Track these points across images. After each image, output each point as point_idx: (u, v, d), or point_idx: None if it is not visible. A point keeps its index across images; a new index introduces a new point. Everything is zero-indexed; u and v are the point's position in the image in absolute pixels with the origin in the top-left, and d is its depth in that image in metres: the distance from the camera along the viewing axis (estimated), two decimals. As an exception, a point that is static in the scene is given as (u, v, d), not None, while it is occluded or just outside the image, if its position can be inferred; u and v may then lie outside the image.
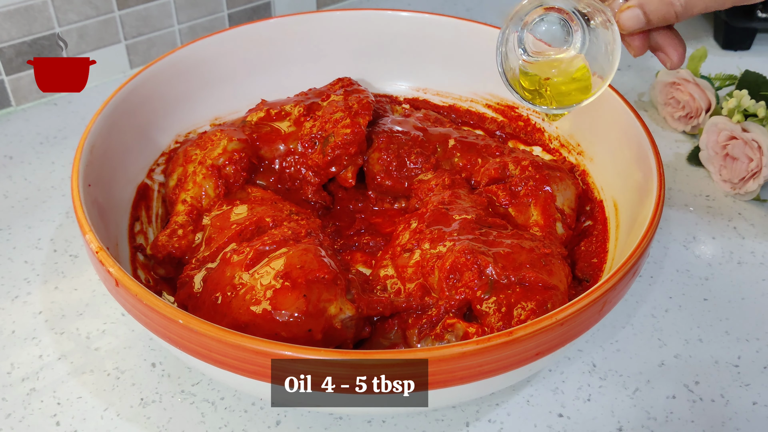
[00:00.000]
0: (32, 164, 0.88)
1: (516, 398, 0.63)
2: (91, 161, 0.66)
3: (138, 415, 0.62)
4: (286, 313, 0.57)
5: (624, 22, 0.58)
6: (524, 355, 0.51)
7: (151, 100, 0.77)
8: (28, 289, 0.73)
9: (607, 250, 0.68)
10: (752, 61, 1.05)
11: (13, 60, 0.92)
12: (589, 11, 0.59)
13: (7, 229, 0.79)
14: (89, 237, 0.57)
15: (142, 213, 0.73)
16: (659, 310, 0.71)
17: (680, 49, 0.61)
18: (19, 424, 0.61)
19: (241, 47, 0.84)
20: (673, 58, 0.61)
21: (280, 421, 0.62)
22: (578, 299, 0.52)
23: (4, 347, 0.68)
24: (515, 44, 0.62)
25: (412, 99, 0.89)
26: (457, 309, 0.60)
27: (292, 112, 0.79)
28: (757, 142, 0.80)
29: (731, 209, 0.82)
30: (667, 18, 0.57)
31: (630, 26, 0.58)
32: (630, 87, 1.01)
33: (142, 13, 0.98)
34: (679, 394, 0.64)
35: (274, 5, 1.09)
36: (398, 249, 0.67)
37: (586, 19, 0.60)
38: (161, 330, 0.53)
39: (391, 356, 0.49)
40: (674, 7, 0.56)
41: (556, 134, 0.81)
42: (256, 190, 0.73)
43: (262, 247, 0.62)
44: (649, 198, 0.62)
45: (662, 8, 0.56)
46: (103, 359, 0.66)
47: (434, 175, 0.75)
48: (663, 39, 0.61)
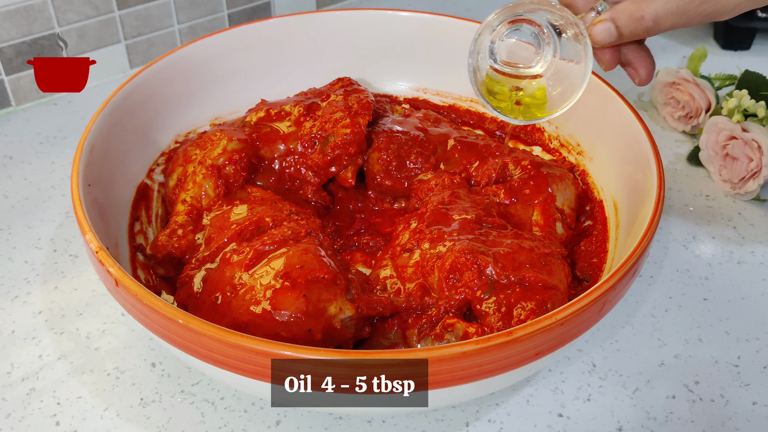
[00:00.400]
0: (32, 164, 0.88)
1: (516, 398, 0.63)
2: (91, 161, 0.66)
3: (138, 415, 0.62)
4: (286, 313, 0.57)
5: (596, 35, 0.59)
6: (524, 355, 0.51)
7: (151, 100, 0.77)
8: (28, 289, 0.73)
9: (606, 250, 0.68)
10: (752, 61, 1.05)
11: (13, 60, 0.92)
12: (561, 24, 0.60)
13: (7, 229, 0.79)
14: (89, 237, 0.57)
15: (142, 213, 0.73)
16: (659, 310, 0.71)
17: (649, 66, 0.63)
18: (19, 424, 0.61)
19: (241, 47, 0.84)
20: (642, 73, 0.63)
21: (280, 421, 0.62)
22: (578, 299, 0.52)
23: (4, 347, 0.68)
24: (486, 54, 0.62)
25: (412, 99, 0.89)
26: (457, 309, 0.60)
27: (292, 112, 0.79)
28: (757, 142, 0.80)
29: (731, 209, 0.82)
30: (637, 33, 0.59)
31: (601, 40, 0.59)
32: (630, 87, 1.01)
33: (142, 13, 0.98)
34: (679, 394, 0.64)
35: (274, 5, 1.09)
36: (398, 249, 0.67)
37: (558, 32, 0.61)
38: (161, 330, 0.53)
39: (391, 356, 0.49)
40: (644, 23, 0.58)
41: (555, 134, 0.81)
42: (256, 190, 0.73)
43: (262, 247, 0.62)
44: (649, 198, 0.62)
45: (633, 23, 0.58)
46: (103, 359, 0.66)
47: (434, 175, 0.75)
48: (633, 55, 0.62)
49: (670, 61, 1.06)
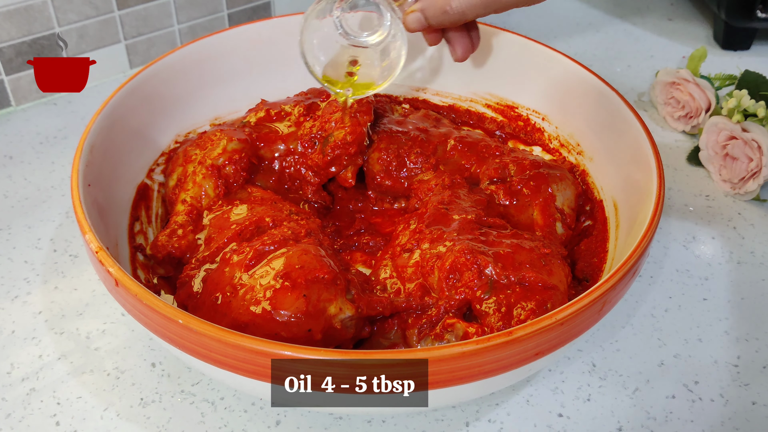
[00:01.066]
0: (32, 164, 0.88)
1: (516, 398, 0.63)
2: (91, 161, 0.66)
3: (138, 415, 0.62)
4: (285, 313, 0.57)
5: (408, 23, 0.68)
6: (524, 355, 0.51)
7: (151, 100, 0.77)
8: (28, 289, 0.73)
9: (606, 250, 0.68)
10: (752, 61, 1.05)
11: (13, 60, 0.92)
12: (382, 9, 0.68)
13: (7, 229, 0.79)
14: (89, 237, 0.57)
15: (142, 213, 0.73)
16: (659, 309, 0.71)
17: (466, 45, 0.71)
18: (19, 424, 0.61)
19: (241, 47, 0.84)
20: (458, 52, 0.71)
21: (280, 421, 0.62)
22: (578, 299, 0.52)
23: (4, 347, 0.68)
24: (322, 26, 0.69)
25: (412, 99, 0.89)
26: (456, 309, 0.60)
27: (291, 112, 0.79)
28: (757, 142, 0.80)
29: (731, 209, 0.82)
30: (444, 23, 0.67)
31: (413, 27, 0.68)
32: (630, 87, 1.01)
33: (142, 13, 0.98)
34: (679, 394, 0.64)
35: (274, 5, 1.09)
36: (398, 249, 0.67)
37: None
38: (161, 330, 0.53)
39: (391, 356, 0.49)
40: (450, 15, 0.65)
41: (555, 134, 0.81)
42: (256, 190, 0.73)
43: (262, 247, 0.62)
44: (649, 198, 0.62)
45: (440, 15, 0.66)
46: (103, 359, 0.66)
47: (434, 175, 0.75)
48: (453, 34, 0.71)
49: (670, 61, 1.06)
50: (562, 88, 0.80)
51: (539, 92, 0.82)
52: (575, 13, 1.18)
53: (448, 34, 0.71)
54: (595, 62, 1.06)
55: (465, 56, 0.71)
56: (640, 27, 1.14)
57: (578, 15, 1.18)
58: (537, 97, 0.83)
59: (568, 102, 0.79)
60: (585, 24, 1.15)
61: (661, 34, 1.12)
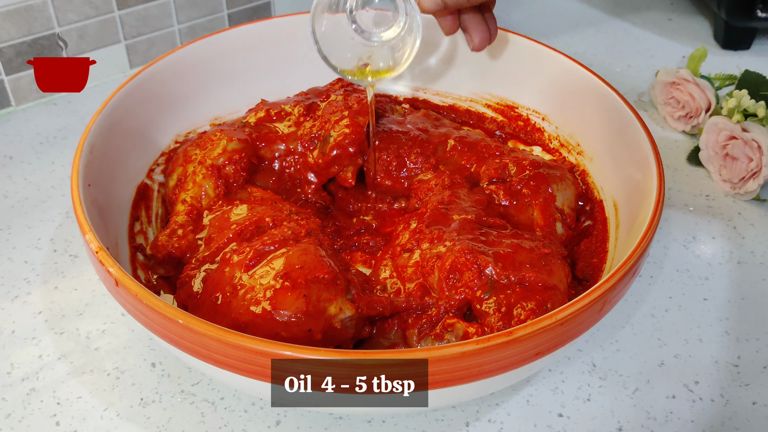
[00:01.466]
0: (32, 164, 0.88)
1: (516, 398, 0.63)
2: (91, 161, 0.66)
3: (138, 415, 0.62)
4: (285, 313, 0.57)
5: (424, 4, 0.66)
6: (524, 355, 0.51)
7: (151, 100, 0.77)
8: (28, 289, 0.73)
9: (606, 250, 0.68)
10: (752, 60, 1.05)
11: (13, 60, 0.92)
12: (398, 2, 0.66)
13: (7, 229, 0.79)
14: (89, 237, 0.57)
15: (142, 213, 0.73)
16: (659, 309, 0.71)
17: (483, 34, 0.68)
18: (19, 424, 0.61)
19: (241, 47, 0.84)
20: (475, 40, 0.69)
21: (280, 421, 0.62)
22: (578, 299, 0.52)
23: (4, 347, 0.68)
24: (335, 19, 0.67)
25: (412, 99, 0.89)
26: (457, 309, 0.60)
27: (292, 112, 0.79)
28: (757, 142, 0.80)
29: (731, 209, 0.82)
30: (461, 3, 0.65)
31: (429, 8, 0.66)
32: (630, 87, 1.01)
33: (141, 13, 0.98)
34: (679, 394, 0.64)
35: (274, 5, 1.09)
36: (398, 249, 0.67)
37: None
38: (161, 330, 0.53)
39: (391, 356, 0.49)
40: None
41: (555, 134, 0.81)
42: (256, 190, 0.73)
43: (262, 247, 0.62)
44: (649, 198, 0.62)
45: None
46: (103, 359, 0.66)
47: (434, 175, 0.75)
48: (470, 22, 0.68)
49: (670, 61, 1.06)
50: (562, 88, 0.80)
51: (539, 92, 0.82)
52: (575, 13, 1.18)
53: (465, 22, 0.68)
54: (595, 62, 1.06)
55: (482, 45, 0.69)
56: (640, 27, 1.14)
57: (578, 15, 1.18)
58: (537, 97, 0.83)
59: (568, 102, 0.79)
60: (585, 24, 1.15)
61: (661, 34, 1.12)
